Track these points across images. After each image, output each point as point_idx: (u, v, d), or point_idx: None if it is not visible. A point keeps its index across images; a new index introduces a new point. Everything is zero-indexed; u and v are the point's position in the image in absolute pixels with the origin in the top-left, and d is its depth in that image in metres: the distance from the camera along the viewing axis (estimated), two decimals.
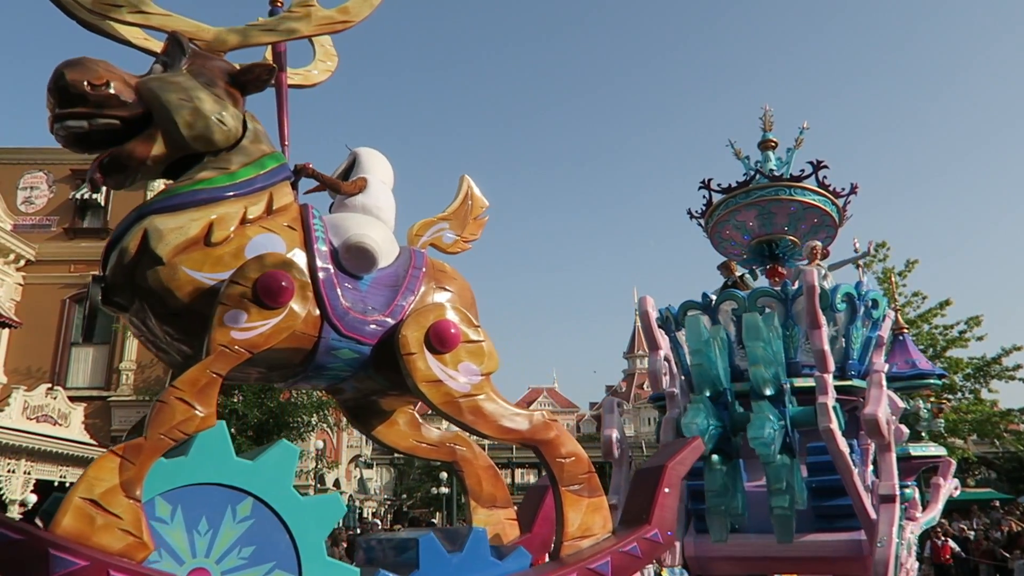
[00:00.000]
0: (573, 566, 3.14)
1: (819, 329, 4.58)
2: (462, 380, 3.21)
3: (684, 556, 5.52)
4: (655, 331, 5.13)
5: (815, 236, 8.09)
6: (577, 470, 3.39)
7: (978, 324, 24.47)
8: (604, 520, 3.43)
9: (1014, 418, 26.18)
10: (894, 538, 4.31)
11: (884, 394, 4.36)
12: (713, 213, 8.34)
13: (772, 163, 8.30)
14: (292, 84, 4.02)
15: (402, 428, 3.92)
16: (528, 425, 3.36)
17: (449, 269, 3.78)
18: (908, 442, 6.64)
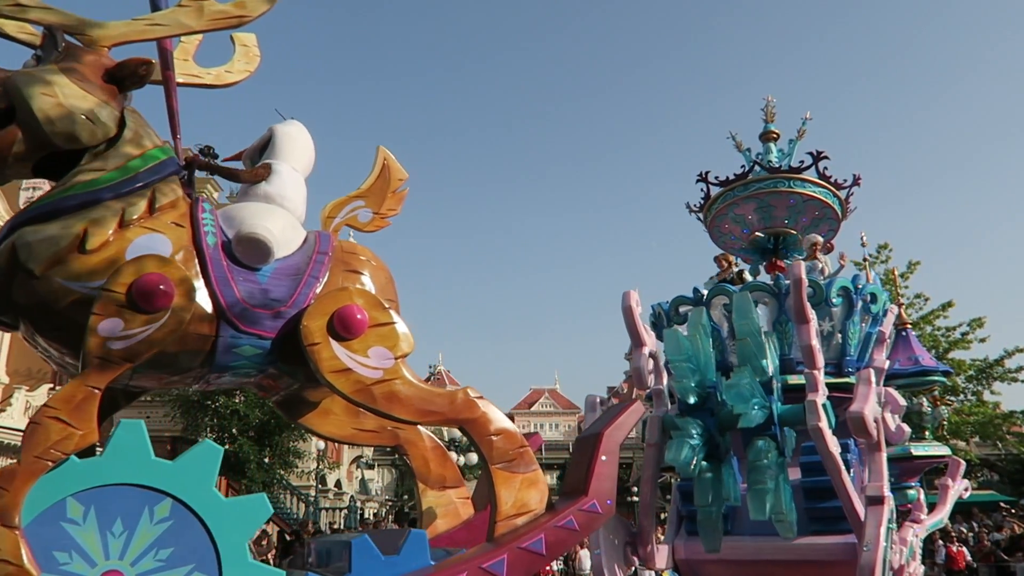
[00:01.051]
0: (504, 546, 3.03)
1: (806, 324, 4.31)
2: (373, 366, 3.08)
3: (675, 559, 5.24)
4: (639, 327, 4.89)
5: (816, 229, 7.74)
6: (508, 446, 3.27)
7: (981, 326, 24.27)
8: (541, 494, 3.29)
9: (1017, 420, 25.97)
10: (881, 542, 4.04)
11: (872, 391, 4.10)
12: (711, 207, 8.00)
13: (773, 155, 7.93)
14: (203, 84, 3.87)
15: (339, 417, 3.75)
16: (450, 406, 3.24)
17: (362, 251, 3.59)
18: (911, 441, 6.27)
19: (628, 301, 4.87)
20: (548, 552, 3.11)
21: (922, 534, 6.41)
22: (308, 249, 3.41)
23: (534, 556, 3.07)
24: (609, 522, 4.70)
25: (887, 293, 6.57)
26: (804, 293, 4.32)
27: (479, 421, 3.29)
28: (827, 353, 6.17)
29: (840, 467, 4.23)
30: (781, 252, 7.67)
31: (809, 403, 4.14)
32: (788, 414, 4.31)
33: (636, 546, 4.93)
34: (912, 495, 6.52)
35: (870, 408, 4.00)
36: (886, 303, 6.51)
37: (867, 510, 4.17)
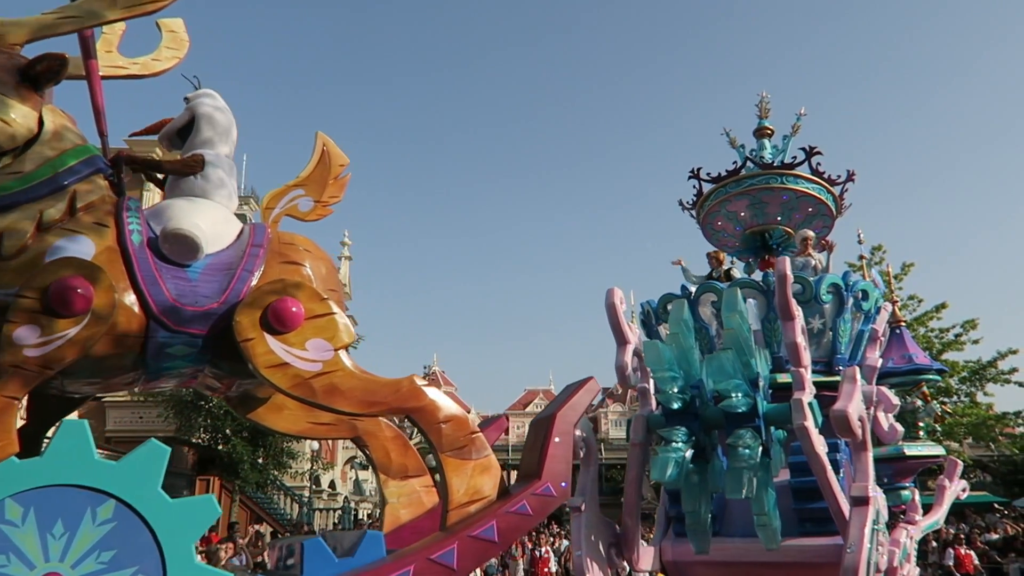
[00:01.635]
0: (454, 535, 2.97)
1: (791, 320, 4.18)
2: (311, 359, 3.00)
3: (662, 561, 5.08)
4: (622, 324, 4.76)
5: (811, 226, 7.58)
6: (457, 433, 3.19)
7: (974, 327, 24.26)
8: (494, 480, 3.22)
9: (1009, 421, 25.98)
10: (865, 543, 3.89)
11: (857, 389, 3.99)
12: (704, 204, 7.84)
13: (767, 151, 7.77)
14: (130, 74, 3.73)
15: (293, 412, 3.63)
16: (395, 395, 3.14)
17: (301, 241, 3.47)
18: (904, 441, 6.11)
19: (611, 298, 4.74)
20: (501, 539, 3.05)
21: (917, 535, 6.27)
22: (242, 243, 3.31)
23: (486, 544, 3.01)
24: (593, 523, 4.57)
25: (879, 291, 6.41)
26: (789, 289, 4.18)
27: (426, 409, 3.20)
28: (817, 351, 6.05)
29: (826, 467, 4.09)
30: (775, 249, 7.50)
31: (795, 401, 4.00)
32: (774, 412, 4.18)
33: (621, 547, 4.78)
34: (906, 496, 6.38)
35: (854, 406, 3.86)
36: (878, 300, 6.36)
37: (852, 511, 4.02)
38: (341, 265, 34.99)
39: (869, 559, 3.86)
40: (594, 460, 4.75)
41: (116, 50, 3.73)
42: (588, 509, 4.56)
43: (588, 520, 4.53)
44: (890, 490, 6.33)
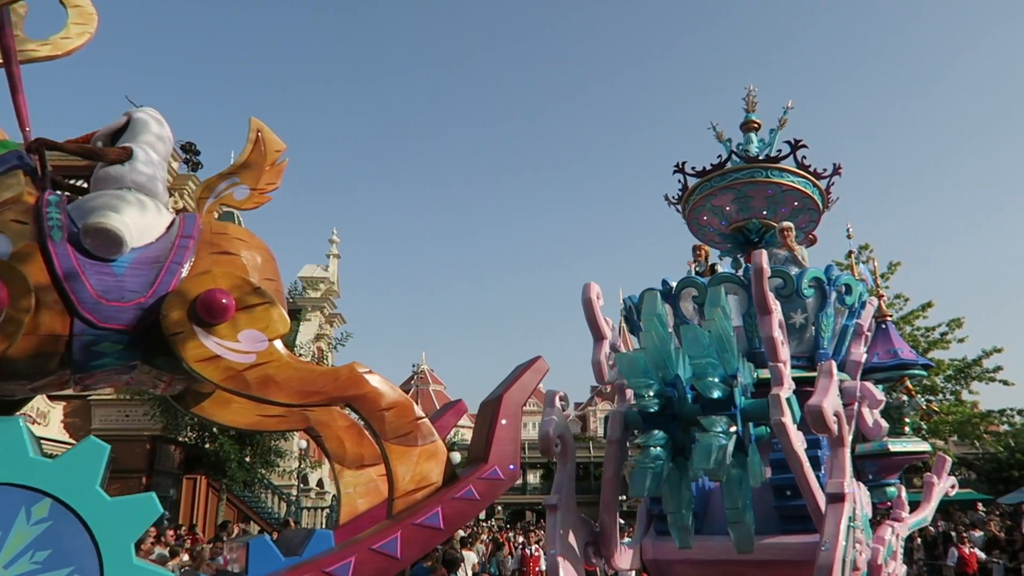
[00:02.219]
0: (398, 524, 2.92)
1: (768, 315, 4.09)
2: (244, 350, 2.92)
3: (643, 559, 4.96)
4: (599, 319, 4.65)
5: (796, 220, 7.45)
6: (401, 420, 3.13)
7: (960, 326, 24.29)
8: (441, 466, 3.17)
9: (994, 419, 26.04)
10: (840, 541, 3.76)
11: (834, 383, 3.92)
12: (689, 198, 7.72)
13: (754, 145, 7.63)
14: (41, 57, 3.53)
15: (240, 404, 3.48)
16: (335, 383, 3.07)
17: (234, 230, 3.36)
18: (889, 437, 6.01)
19: (588, 293, 4.63)
20: (446, 525, 2.99)
21: (904, 532, 6.17)
22: (172, 235, 3.20)
23: (431, 531, 2.95)
24: (569, 521, 4.45)
25: (863, 285, 6.29)
26: (766, 282, 4.07)
27: (368, 396, 3.12)
28: (799, 346, 5.95)
29: (803, 463, 3.98)
30: (756, 242, 7.37)
31: (772, 397, 3.89)
32: (752, 408, 4.07)
33: (599, 546, 4.66)
34: (892, 492, 6.27)
35: (829, 401, 3.74)
36: (862, 295, 6.26)
37: (827, 507, 3.91)
38: (329, 263, 34.95)
39: (844, 557, 3.74)
40: (571, 457, 4.63)
41: (22, 32, 3.53)
42: (564, 507, 4.45)
43: (564, 518, 4.42)
44: (875, 487, 6.24)
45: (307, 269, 31.97)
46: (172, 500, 23.93)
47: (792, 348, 5.88)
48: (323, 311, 32.02)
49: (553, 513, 4.42)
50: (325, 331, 31.63)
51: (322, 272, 32.32)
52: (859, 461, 5.97)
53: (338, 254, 34.18)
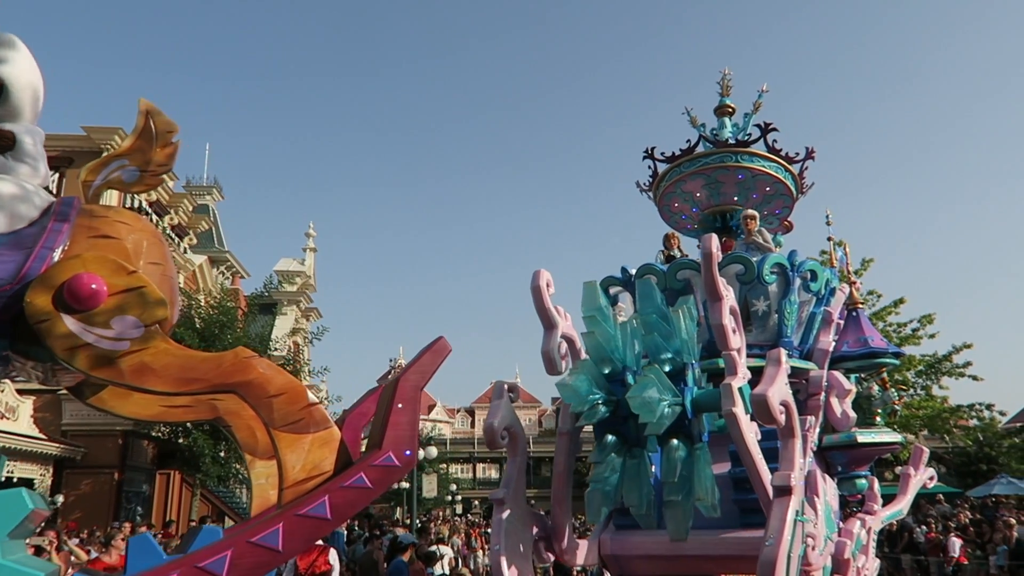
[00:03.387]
0: (281, 515, 2.78)
1: (718, 302, 3.87)
2: (117, 337, 2.76)
3: (600, 554, 4.69)
4: (548, 308, 4.39)
5: (770, 206, 7.20)
6: (291, 407, 2.97)
7: (931, 322, 24.44)
8: (335, 454, 3.00)
9: (963, 414, 26.23)
10: (785, 535, 3.53)
11: (782, 372, 3.69)
12: (659, 185, 7.44)
13: (728, 130, 7.34)
14: None
15: (140, 395, 3.20)
16: (218, 370, 2.91)
17: (115, 213, 3.14)
18: (859, 427, 5.75)
19: (536, 281, 4.36)
20: (334, 515, 2.84)
21: (876, 526, 5.94)
22: (47, 219, 3.00)
23: (316, 521, 2.80)
24: (518, 516, 4.19)
25: (830, 270, 6.04)
26: (715, 268, 3.83)
27: (255, 383, 2.96)
28: (763, 334, 5.69)
29: (754, 455, 3.74)
30: (735, 230, 7.10)
31: (724, 387, 3.64)
32: (704, 399, 3.86)
33: (551, 541, 4.39)
34: (862, 484, 6.02)
35: (775, 391, 3.50)
36: (830, 281, 6.01)
37: (773, 501, 3.67)
38: (306, 257, 34.47)
39: (790, 552, 3.49)
40: (521, 450, 4.36)
41: None
42: (512, 502, 4.20)
43: (511, 513, 4.16)
44: (845, 479, 6.00)
45: (283, 263, 31.49)
46: (145, 495, 23.42)
47: (755, 336, 5.65)
48: (299, 305, 31.55)
49: (499, 508, 4.19)
50: (301, 325, 31.18)
51: (298, 266, 31.86)
52: (827, 452, 5.73)
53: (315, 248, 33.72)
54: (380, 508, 33.51)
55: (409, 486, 29.61)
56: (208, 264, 26.03)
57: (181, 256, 23.71)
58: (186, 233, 26.62)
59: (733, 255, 5.72)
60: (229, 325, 20.60)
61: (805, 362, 5.74)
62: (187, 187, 29.77)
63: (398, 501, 31.33)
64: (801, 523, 3.65)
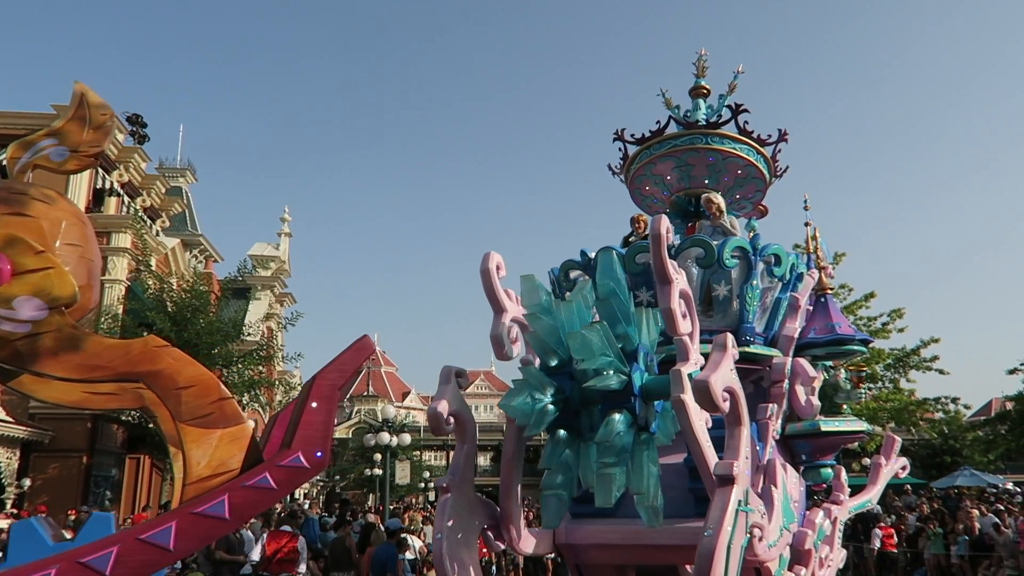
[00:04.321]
0: (175, 512, 2.67)
1: (667, 285, 3.68)
2: (20, 319, 2.65)
3: (555, 543, 4.49)
4: (498, 291, 4.22)
5: (742, 190, 6.95)
6: (202, 399, 2.86)
7: (900, 316, 24.65)
8: (243, 450, 2.87)
9: (929, 407, 26.54)
10: (725, 526, 3.35)
11: (727, 358, 3.50)
12: (630, 167, 7.19)
13: (702, 111, 7.07)
14: None
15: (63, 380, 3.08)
16: (124, 358, 2.79)
17: (35, 191, 2.98)
18: (826, 416, 5.57)
19: (486, 263, 4.16)
20: (233, 515, 2.72)
21: (843, 516, 5.77)
22: None
23: (213, 521, 2.67)
24: (464, 504, 3.98)
25: (795, 255, 5.83)
26: (664, 249, 3.63)
27: (163, 373, 2.84)
28: (724, 320, 5.47)
29: (702, 444, 3.55)
30: (702, 214, 6.85)
31: (674, 373, 3.44)
32: (654, 385, 3.66)
33: (500, 529, 4.18)
34: (827, 473, 5.85)
35: (719, 377, 3.29)
36: (796, 266, 5.80)
37: (715, 490, 3.47)
38: (281, 241, 33.95)
39: (730, 543, 3.30)
40: (470, 437, 4.15)
41: None
42: (458, 489, 4.00)
43: (456, 501, 3.96)
44: (810, 468, 5.83)
45: (257, 247, 30.96)
46: (114, 480, 22.92)
47: (716, 321, 5.44)
48: (273, 290, 31.06)
49: (444, 495, 3.99)
50: (275, 310, 30.71)
51: (273, 251, 31.35)
52: (791, 441, 5.55)
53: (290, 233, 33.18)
54: (353, 494, 33.22)
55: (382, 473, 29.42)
56: (181, 247, 25.45)
57: (153, 239, 23.14)
58: (159, 215, 26.02)
59: (694, 238, 5.51)
60: (202, 309, 20.14)
61: (769, 348, 5.55)
62: (160, 169, 29.09)
63: (371, 487, 31.05)
64: (745, 513, 3.47)
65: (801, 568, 4.74)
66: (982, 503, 19.59)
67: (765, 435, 4.76)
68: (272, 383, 22.94)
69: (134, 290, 21.40)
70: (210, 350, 19.55)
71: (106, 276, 21.33)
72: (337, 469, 37.76)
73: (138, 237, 21.32)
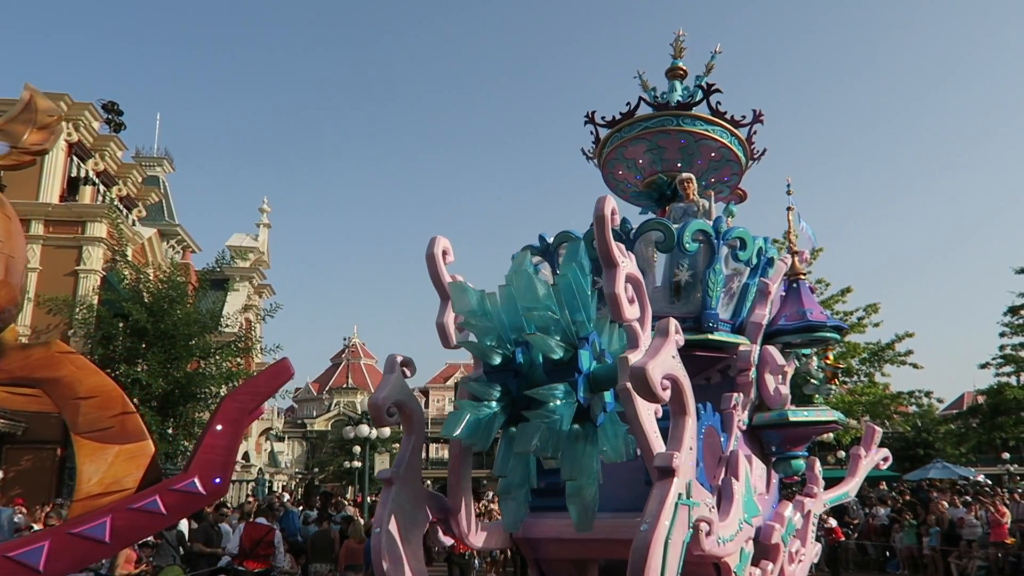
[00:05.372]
0: (52, 531, 2.60)
1: (613, 268, 3.44)
2: None
3: (513, 538, 4.23)
4: (443, 278, 4.03)
5: (717, 173, 6.67)
6: (102, 412, 2.67)
7: (876, 311, 24.68)
8: (141, 470, 2.69)
9: (903, 400, 26.68)
10: (663, 520, 3.11)
11: (669, 344, 3.25)
12: (602, 151, 6.91)
13: (678, 93, 6.79)
14: None
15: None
16: (23, 362, 2.66)
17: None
18: (798, 406, 5.31)
19: (431, 248, 3.95)
20: (115, 539, 2.49)
21: (817, 509, 5.51)
22: None
23: (90, 544, 2.45)
24: (409, 497, 3.73)
25: (762, 238, 5.55)
26: (608, 232, 3.41)
27: (62, 382, 2.69)
28: (687, 306, 5.21)
29: (649, 434, 3.29)
30: (674, 197, 6.57)
31: (621, 360, 3.20)
32: (602, 373, 3.44)
33: (449, 524, 3.92)
34: (798, 465, 5.57)
35: (658, 363, 3.03)
36: (764, 250, 5.54)
37: (655, 483, 3.22)
38: (260, 232, 33.36)
39: (668, 537, 3.05)
40: (417, 429, 3.89)
41: None
42: (402, 482, 3.74)
43: (400, 494, 3.70)
44: (781, 459, 5.57)
45: (236, 238, 30.41)
46: None
47: (679, 308, 5.16)
48: (252, 281, 30.54)
49: (387, 488, 3.73)
50: (254, 302, 30.19)
51: (252, 241, 30.81)
52: (760, 432, 5.28)
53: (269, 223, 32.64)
54: (333, 486, 32.85)
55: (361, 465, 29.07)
56: (158, 237, 24.89)
57: (129, 228, 22.59)
58: (135, 205, 25.43)
59: (652, 221, 5.24)
60: (179, 300, 19.68)
61: (736, 336, 5.28)
62: (137, 158, 28.45)
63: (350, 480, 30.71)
64: (687, 507, 3.22)
65: (768, 563, 4.50)
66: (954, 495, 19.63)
67: (729, 425, 4.52)
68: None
69: (110, 280, 20.88)
70: (187, 341, 19.15)
71: (81, 266, 20.80)
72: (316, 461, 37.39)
73: (114, 227, 20.80)
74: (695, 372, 5.46)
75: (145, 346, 18.96)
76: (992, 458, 38.24)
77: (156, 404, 19.51)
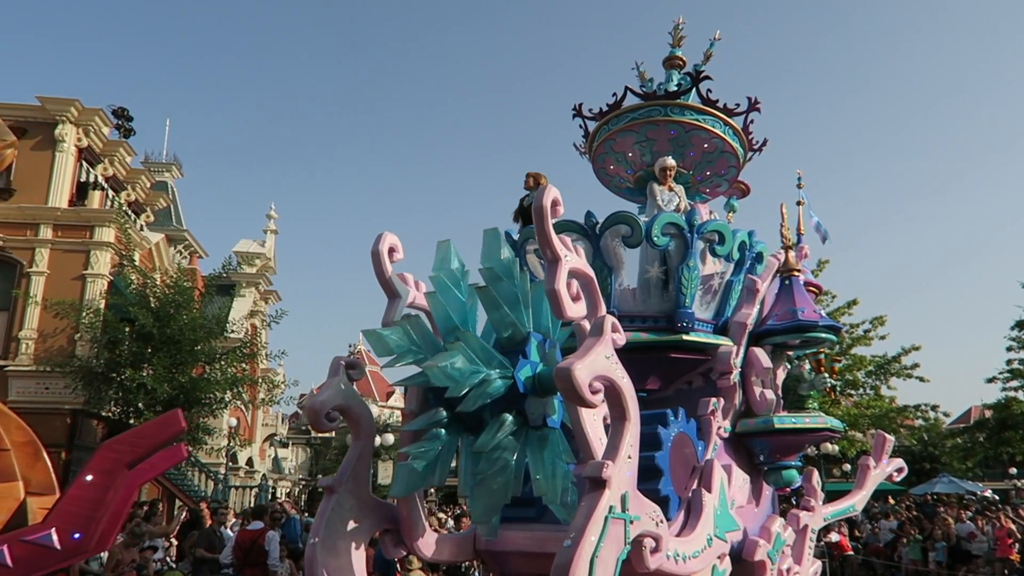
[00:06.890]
0: None
1: (554, 263, 3.11)
2: None
3: (476, 549, 3.86)
4: (387, 276, 3.76)
5: (714, 166, 6.20)
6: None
7: (882, 323, 24.21)
8: (6, 512, 2.48)
9: (909, 414, 26.14)
10: (589, 536, 2.73)
11: (602, 345, 2.88)
12: (592, 145, 6.52)
13: (674, 83, 6.39)
14: None
15: None
16: None
17: None
18: (791, 411, 4.85)
19: (376, 245, 3.64)
20: None
21: (816, 523, 4.98)
22: None
23: None
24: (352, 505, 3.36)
25: (745, 232, 5.10)
26: (548, 224, 3.07)
27: None
28: (659, 304, 4.80)
29: (591, 442, 2.95)
30: None
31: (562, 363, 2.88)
32: (546, 376, 3.14)
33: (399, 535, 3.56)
34: (790, 475, 5.07)
35: (586, 364, 2.67)
36: (750, 245, 5.07)
37: (585, 494, 2.85)
38: (266, 239, 33.14)
39: (595, 554, 2.67)
40: (365, 434, 3.54)
41: None
42: (346, 490, 3.41)
43: (342, 503, 3.37)
44: (772, 469, 5.10)
45: (243, 244, 30.21)
46: None
47: (650, 306, 4.76)
48: (258, 287, 30.31)
49: (328, 497, 3.40)
50: (260, 308, 29.93)
51: (258, 247, 30.60)
52: (748, 440, 4.81)
53: (276, 230, 32.46)
54: None
55: None
56: (165, 242, 24.70)
57: (137, 233, 22.44)
58: (143, 210, 25.32)
59: (618, 213, 4.82)
60: (185, 305, 19.46)
61: (717, 336, 4.84)
62: (145, 163, 28.37)
63: None
64: (622, 520, 2.82)
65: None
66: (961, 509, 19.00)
67: (707, 432, 4.09)
68: (255, 380, 22.21)
69: (117, 285, 20.70)
70: (193, 346, 18.92)
71: (89, 270, 20.64)
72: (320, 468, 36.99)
73: (122, 231, 20.64)
74: (671, 376, 5.02)
75: (151, 351, 18.73)
76: (999, 473, 37.35)
77: (161, 409, 19.22)
